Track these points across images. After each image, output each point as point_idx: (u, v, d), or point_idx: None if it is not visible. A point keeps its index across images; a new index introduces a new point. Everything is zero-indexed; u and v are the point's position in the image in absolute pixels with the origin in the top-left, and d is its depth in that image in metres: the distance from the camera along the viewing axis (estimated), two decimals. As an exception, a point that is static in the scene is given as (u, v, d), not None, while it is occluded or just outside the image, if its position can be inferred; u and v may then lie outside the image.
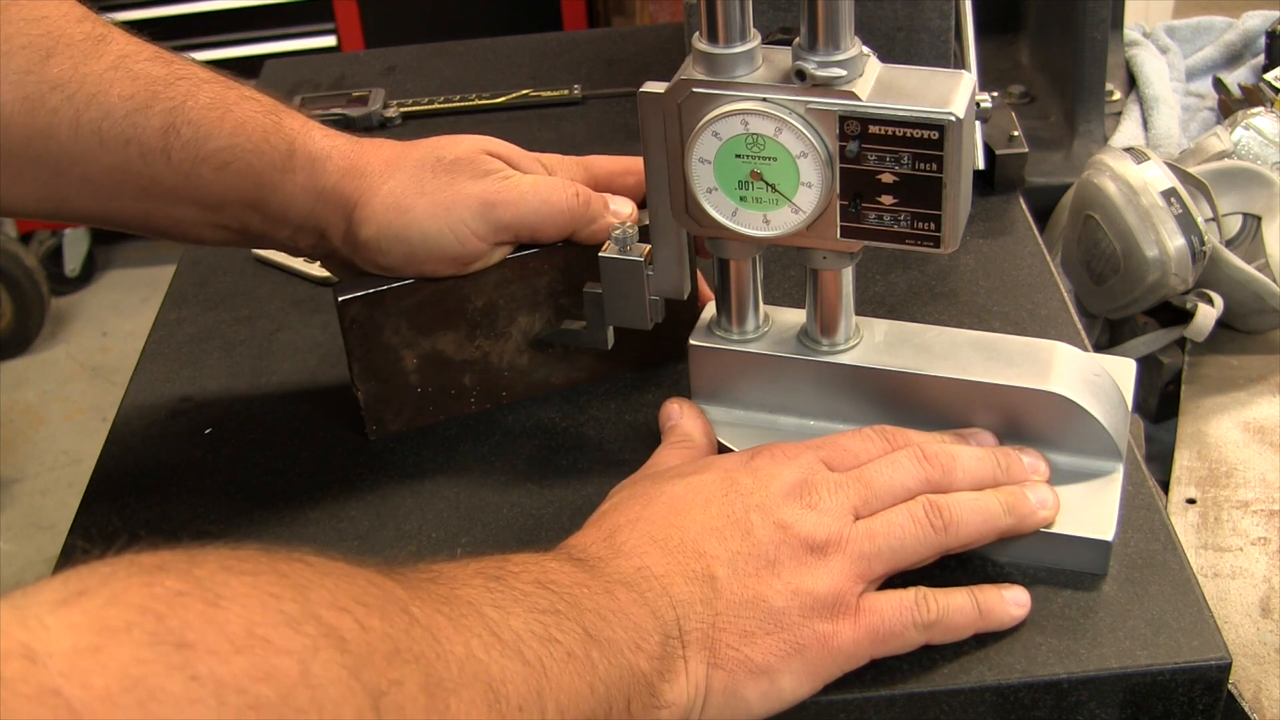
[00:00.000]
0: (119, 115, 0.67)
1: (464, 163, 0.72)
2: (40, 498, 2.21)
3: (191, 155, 0.69)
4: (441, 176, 0.71)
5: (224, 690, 0.38)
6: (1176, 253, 0.93)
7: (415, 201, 0.71)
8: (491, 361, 0.77)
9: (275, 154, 0.70)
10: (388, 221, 0.71)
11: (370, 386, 0.75)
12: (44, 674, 0.35)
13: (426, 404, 0.77)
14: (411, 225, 0.71)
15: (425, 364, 0.75)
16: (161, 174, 0.69)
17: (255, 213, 0.72)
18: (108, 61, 0.68)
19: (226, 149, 0.69)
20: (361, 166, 0.72)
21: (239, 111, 0.70)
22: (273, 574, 0.43)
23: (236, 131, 0.69)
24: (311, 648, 0.41)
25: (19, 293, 2.49)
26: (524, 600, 0.52)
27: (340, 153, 0.72)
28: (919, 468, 0.63)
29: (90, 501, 0.75)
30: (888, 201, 0.63)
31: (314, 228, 0.72)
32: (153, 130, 0.68)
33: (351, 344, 0.73)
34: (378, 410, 0.76)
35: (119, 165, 0.68)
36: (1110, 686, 0.61)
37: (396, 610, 0.46)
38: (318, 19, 2.55)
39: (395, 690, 0.43)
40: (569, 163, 0.77)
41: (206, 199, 0.70)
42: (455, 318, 0.74)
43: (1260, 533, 0.83)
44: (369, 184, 0.71)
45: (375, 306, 0.73)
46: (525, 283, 0.75)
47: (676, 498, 0.62)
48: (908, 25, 0.96)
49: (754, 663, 0.58)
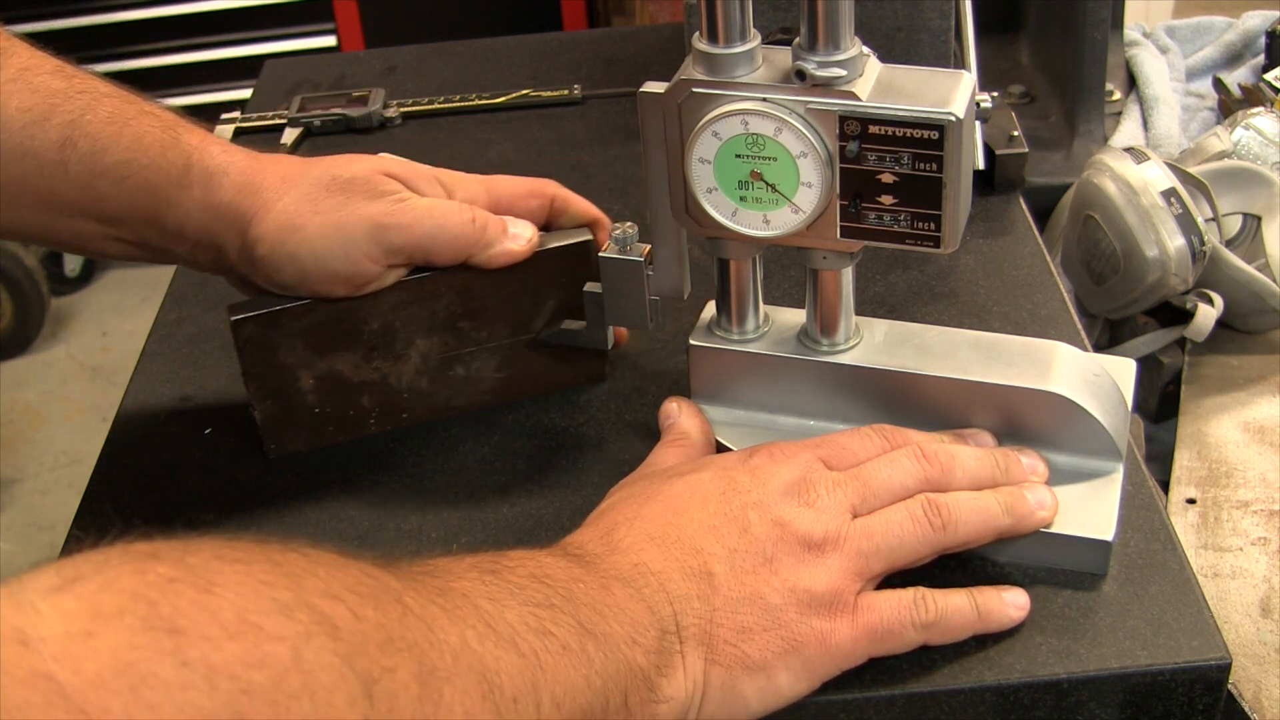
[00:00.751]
0: (16, 128, 0.67)
1: (359, 183, 0.71)
2: (40, 498, 2.21)
3: (88, 169, 0.68)
4: (336, 196, 0.71)
5: (215, 676, 0.38)
6: (1176, 253, 0.93)
7: (309, 221, 0.70)
8: (390, 383, 0.76)
9: (172, 169, 0.70)
10: (280, 240, 0.70)
11: (267, 406, 0.74)
12: (37, 658, 0.35)
13: (326, 424, 0.76)
14: (303, 245, 0.70)
15: (322, 384, 0.75)
16: (59, 187, 0.69)
17: (153, 228, 0.71)
18: (7, 74, 0.68)
19: (124, 163, 0.69)
20: (257, 183, 0.71)
21: (137, 126, 0.70)
22: (266, 562, 0.43)
23: (134, 146, 0.69)
24: (304, 635, 0.41)
25: (19, 293, 2.49)
26: (519, 594, 0.52)
27: (237, 168, 0.71)
28: (918, 466, 0.63)
29: (90, 501, 0.75)
30: (888, 201, 0.63)
31: (210, 244, 0.72)
32: (50, 143, 0.68)
33: (246, 363, 0.73)
34: (275, 430, 0.75)
35: (16, 177, 0.68)
36: (1110, 686, 0.61)
37: (390, 600, 0.46)
38: (318, 19, 2.55)
39: (388, 678, 0.43)
40: (470, 182, 0.76)
41: (105, 213, 0.70)
42: (352, 339, 0.74)
43: (1260, 533, 0.83)
44: (263, 200, 0.71)
45: (270, 326, 0.72)
46: (423, 305, 0.74)
47: (674, 496, 0.62)
48: (908, 25, 0.96)
49: (751, 659, 0.58)
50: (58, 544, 0.73)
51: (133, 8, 2.51)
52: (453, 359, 0.76)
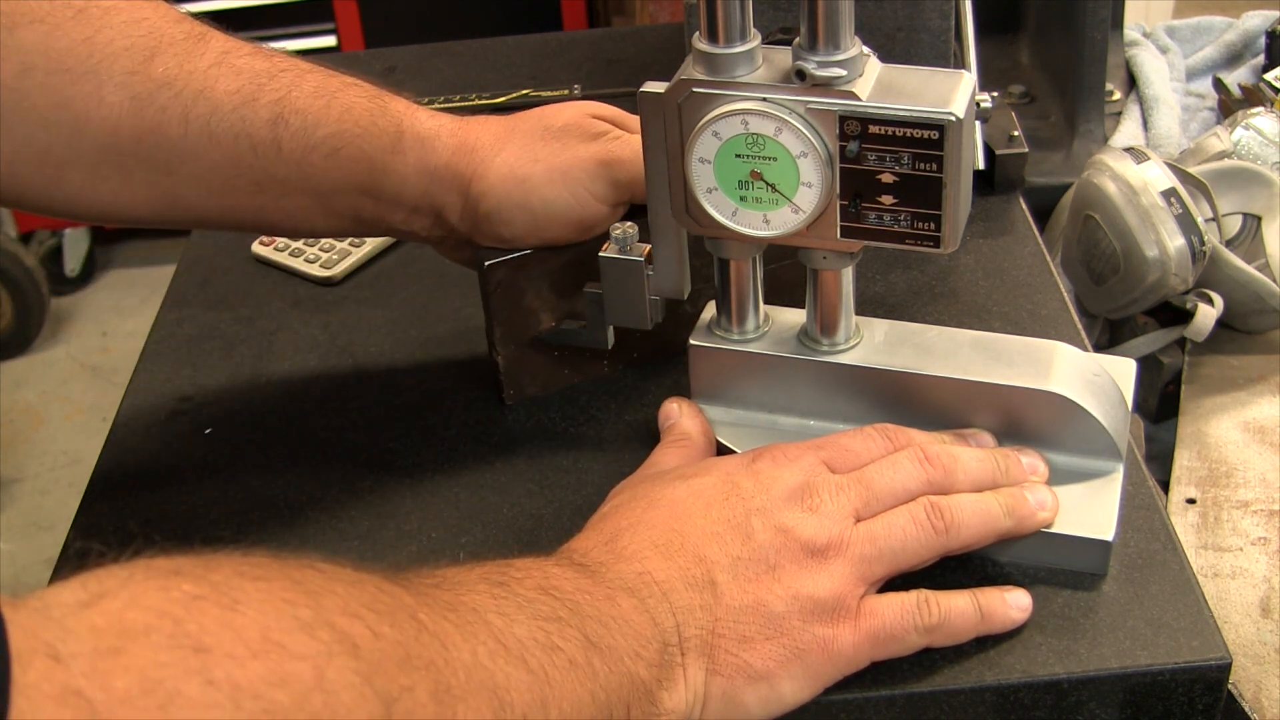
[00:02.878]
0: (227, 110, 0.68)
1: (572, 128, 0.73)
2: (40, 498, 2.21)
3: (301, 144, 0.69)
4: (553, 143, 0.72)
5: (240, 695, 0.38)
6: (1176, 253, 0.93)
7: (531, 170, 0.71)
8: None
9: (384, 137, 0.71)
10: (506, 192, 0.71)
11: (510, 351, 0.76)
12: (67, 675, 0.36)
13: (562, 367, 0.77)
14: (532, 193, 0.71)
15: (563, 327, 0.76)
16: (273, 165, 0.69)
17: (368, 198, 0.72)
18: (210, 58, 0.68)
19: (335, 135, 0.69)
20: (471, 143, 0.72)
21: (344, 98, 0.70)
22: (286, 580, 0.43)
23: (343, 118, 0.70)
24: (326, 653, 0.41)
25: (19, 293, 2.49)
26: (528, 607, 0.52)
27: (449, 131, 0.72)
28: (920, 469, 0.63)
29: (90, 501, 0.75)
30: (888, 201, 0.63)
31: (429, 208, 0.73)
32: (261, 122, 0.68)
33: (495, 308, 0.74)
34: (516, 375, 0.77)
35: (230, 160, 0.68)
36: (1110, 686, 0.61)
37: (406, 617, 0.46)
38: (318, 19, 2.55)
39: (406, 697, 0.43)
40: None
41: (319, 187, 0.71)
42: (592, 280, 0.75)
43: (1260, 533, 0.83)
44: (481, 158, 0.72)
45: (521, 270, 0.74)
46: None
47: (677, 501, 0.62)
48: (908, 25, 0.96)
49: (753, 668, 0.58)
50: (58, 544, 0.73)
51: (133, 8, 2.51)
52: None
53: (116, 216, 0.71)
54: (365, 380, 0.82)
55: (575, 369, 0.78)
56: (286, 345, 0.86)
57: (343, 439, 0.78)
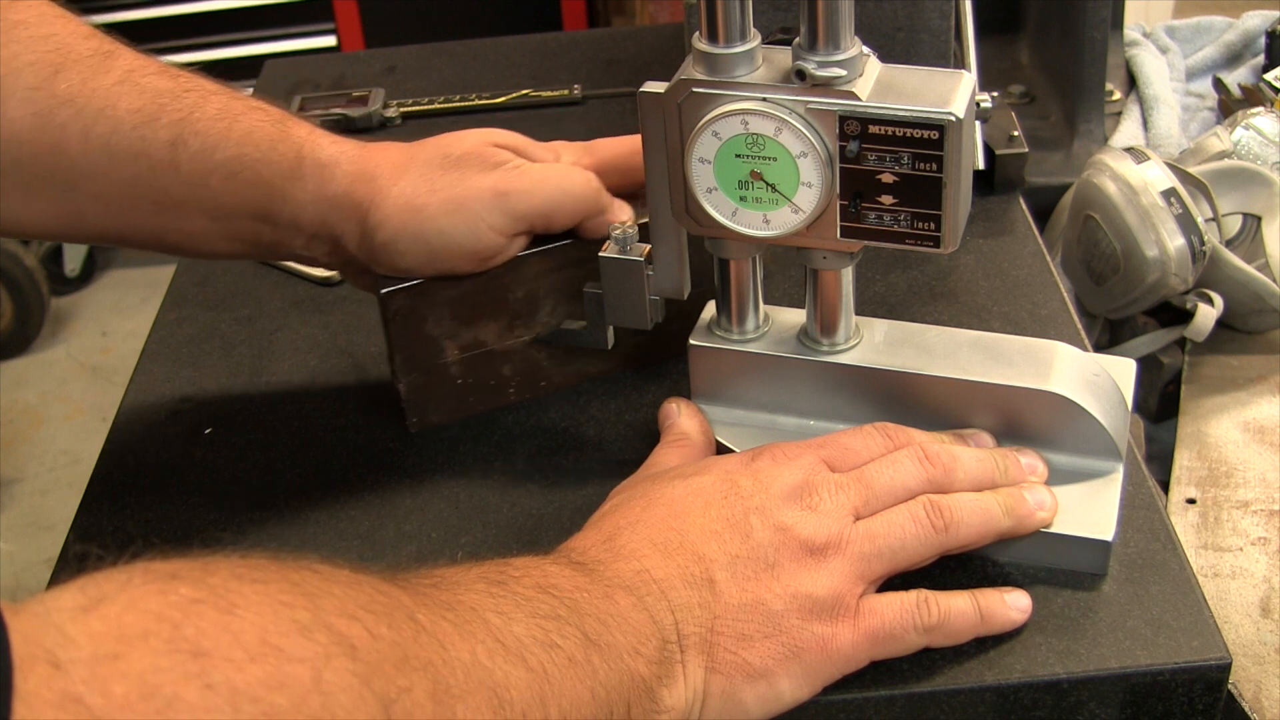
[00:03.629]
0: (127, 129, 0.67)
1: (472, 156, 0.72)
2: (40, 498, 2.21)
3: (200, 166, 0.69)
4: (452, 173, 0.71)
5: (239, 699, 0.38)
6: (1176, 253, 0.93)
7: (428, 200, 0.70)
8: (531, 352, 0.77)
9: (283, 162, 0.70)
10: (402, 222, 0.70)
11: (412, 379, 0.75)
12: (66, 681, 0.36)
13: (467, 395, 0.77)
14: (427, 224, 0.70)
15: (466, 355, 0.76)
16: (171, 186, 0.69)
17: (266, 223, 0.71)
18: (115, 76, 0.68)
19: (234, 158, 0.69)
20: (371, 170, 0.71)
21: (246, 121, 0.70)
22: (283, 582, 0.43)
23: (244, 141, 0.69)
24: (323, 656, 0.41)
25: (19, 293, 2.49)
26: (526, 605, 0.52)
27: (348, 158, 0.72)
28: (920, 468, 0.63)
29: (90, 501, 0.75)
30: (888, 201, 0.63)
31: (327, 235, 0.72)
32: (161, 143, 0.68)
33: (394, 336, 0.74)
34: (419, 403, 0.76)
35: (129, 179, 0.68)
36: (1110, 686, 0.61)
37: (404, 617, 0.46)
38: (318, 19, 2.55)
39: (404, 697, 0.43)
40: (574, 147, 0.77)
41: (217, 210, 0.70)
42: (496, 308, 0.75)
43: (1260, 533, 0.83)
44: (380, 187, 0.71)
45: (420, 297, 0.73)
46: (565, 271, 0.75)
47: (676, 500, 0.62)
48: (908, 25, 0.96)
49: (752, 667, 0.58)
50: (58, 544, 0.73)
51: (133, 8, 2.51)
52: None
53: (23, 231, 0.71)
54: (365, 380, 0.82)
55: (480, 398, 0.77)
56: (286, 345, 0.86)
57: (343, 439, 0.78)
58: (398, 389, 0.75)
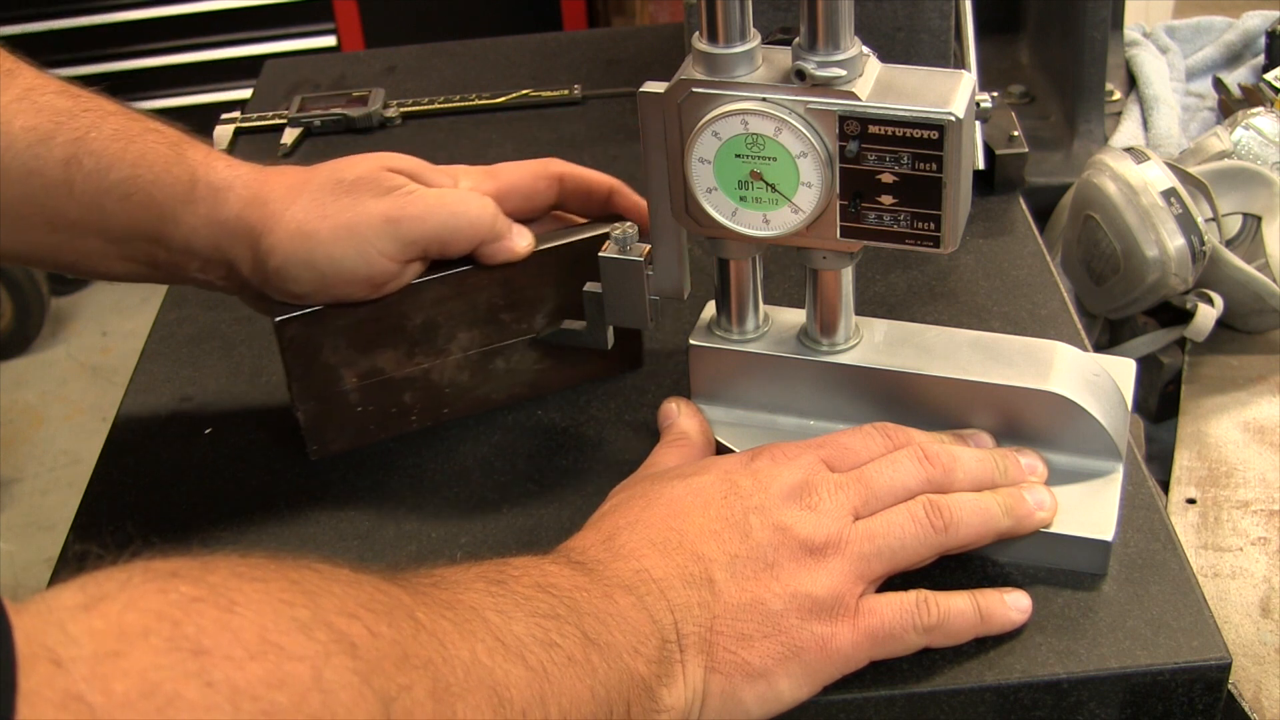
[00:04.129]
0: (21, 146, 0.67)
1: (365, 181, 0.70)
2: (40, 498, 2.21)
3: (94, 187, 0.68)
4: (344, 198, 0.70)
5: (239, 697, 0.38)
6: (1176, 253, 0.93)
7: (319, 226, 0.69)
8: (432, 379, 0.76)
9: (177, 185, 0.69)
10: (294, 249, 0.69)
11: (310, 407, 0.74)
12: (68, 679, 0.36)
13: (368, 423, 0.75)
14: (318, 250, 0.69)
15: (365, 383, 0.74)
16: (65, 206, 0.68)
17: (160, 245, 0.70)
18: (13, 94, 0.67)
19: (128, 180, 0.68)
20: (264, 195, 0.70)
21: (142, 143, 0.69)
22: (283, 580, 0.43)
23: (138, 163, 0.69)
24: (323, 654, 0.41)
25: (19, 293, 2.49)
26: (525, 605, 0.53)
27: (242, 182, 0.70)
28: (920, 468, 0.63)
29: (90, 501, 0.75)
30: (887, 201, 0.63)
31: (221, 260, 0.71)
32: (55, 161, 0.67)
33: (290, 364, 0.72)
34: (319, 431, 0.75)
35: (23, 197, 0.68)
36: (1110, 686, 0.61)
37: (403, 616, 0.46)
38: (318, 19, 2.55)
39: (404, 696, 0.43)
40: (475, 171, 0.76)
41: (111, 231, 0.70)
42: (395, 335, 0.73)
43: (1260, 533, 0.83)
44: (272, 212, 0.70)
45: (314, 325, 0.72)
46: (464, 298, 0.74)
47: (676, 500, 0.62)
48: (908, 25, 0.96)
49: (751, 666, 0.58)
50: (58, 544, 0.73)
51: (133, 8, 2.51)
52: (494, 352, 0.76)
53: None
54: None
55: (382, 426, 0.76)
56: (286, 345, 0.86)
57: (343, 439, 0.78)
58: (296, 417, 0.74)
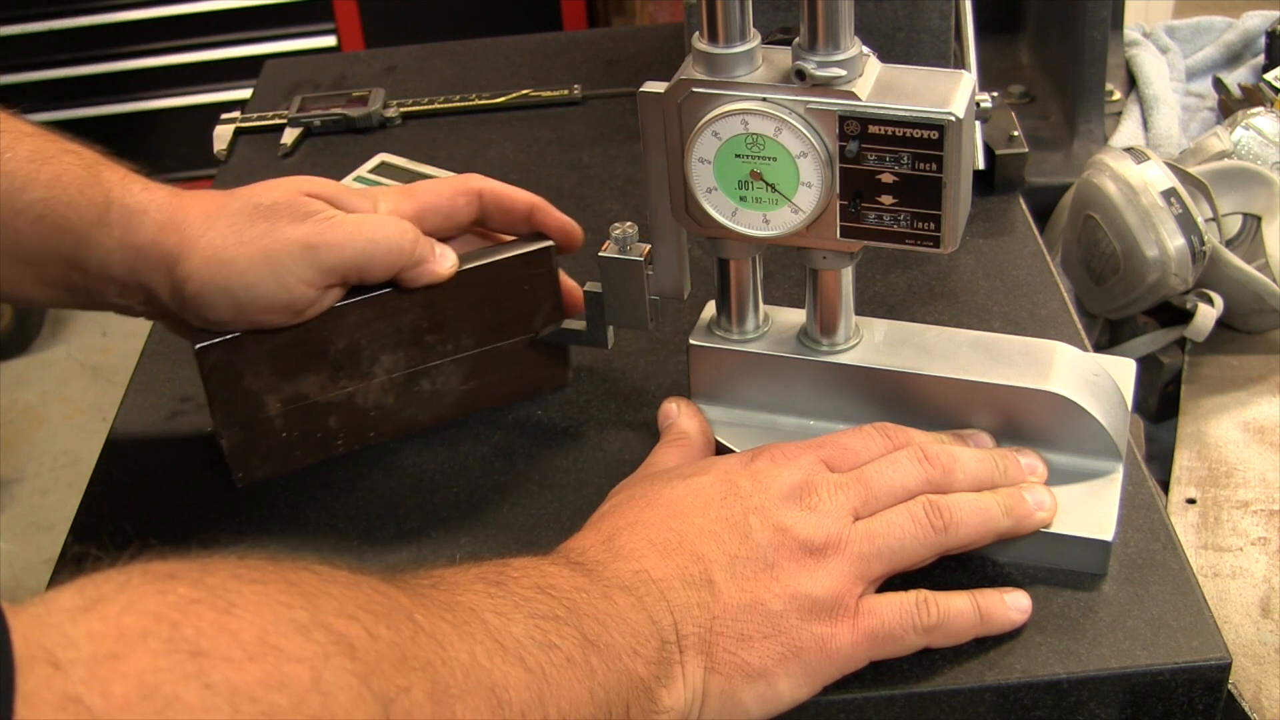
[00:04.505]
0: None
1: (282, 207, 0.69)
2: (40, 498, 2.21)
3: (8, 208, 0.67)
4: (261, 224, 0.68)
5: (238, 698, 0.38)
6: (1176, 253, 0.93)
7: (236, 252, 0.68)
8: (356, 402, 0.75)
9: (91, 208, 0.68)
10: (211, 275, 0.68)
11: (234, 433, 0.73)
12: (66, 681, 0.36)
13: (293, 449, 0.75)
14: (234, 277, 0.68)
15: (289, 408, 0.73)
16: None
17: (75, 269, 0.69)
18: None
19: (41, 201, 0.67)
20: (179, 220, 0.69)
21: (57, 164, 0.68)
22: (282, 582, 0.43)
23: (52, 184, 0.67)
24: (322, 655, 0.41)
25: (19, 293, 2.49)
26: (524, 606, 0.53)
27: (157, 206, 0.69)
28: (919, 468, 0.63)
29: (90, 501, 0.75)
30: (887, 201, 0.63)
31: (138, 285, 0.70)
32: None
33: (212, 390, 0.71)
34: (243, 458, 0.74)
35: None
36: (1110, 686, 0.61)
37: (402, 618, 0.46)
38: (318, 19, 2.55)
39: (403, 697, 0.43)
40: (393, 192, 0.74)
41: (28, 254, 0.68)
42: (317, 360, 0.72)
43: (1260, 533, 0.83)
44: (187, 238, 0.68)
45: (235, 351, 0.70)
46: (388, 320, 0.73)
47: (675, 500, 0.62)
48: (908, 25, 0.96)
49: (751, 667, 0.58)
50: (58, 544, 0.73)
51: (133, 8, 2.51)
52: (419, 374, 0.75)
53: None
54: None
55: (307, 451, 0.75)
56: (286, 345, 0.86)
57: (342, 439, 0.78)
58: (220, 445, 0.73)
